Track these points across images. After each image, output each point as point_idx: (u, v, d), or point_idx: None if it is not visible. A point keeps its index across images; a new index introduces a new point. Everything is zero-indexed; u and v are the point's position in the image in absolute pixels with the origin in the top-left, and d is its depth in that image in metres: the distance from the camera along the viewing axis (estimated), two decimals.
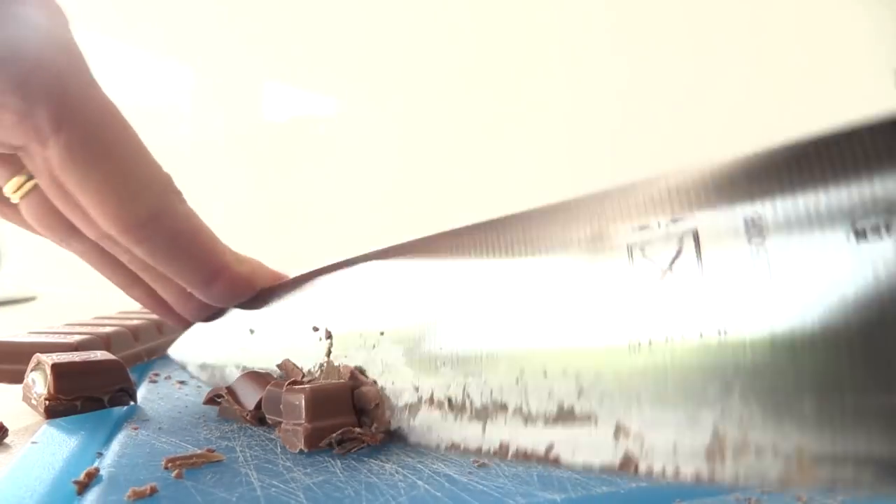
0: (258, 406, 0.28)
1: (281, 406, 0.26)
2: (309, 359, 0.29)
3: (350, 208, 1.05)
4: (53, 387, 0.28)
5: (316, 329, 0.29)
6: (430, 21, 1.04)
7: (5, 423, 0.27)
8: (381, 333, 0.26)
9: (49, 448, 0.24)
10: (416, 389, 0.25)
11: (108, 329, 0.40)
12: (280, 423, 0.26)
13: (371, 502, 0.20)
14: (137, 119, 0.28)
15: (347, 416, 0.26)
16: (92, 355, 0.31)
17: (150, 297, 0.32)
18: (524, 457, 0.22)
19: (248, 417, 0.28)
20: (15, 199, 0.29)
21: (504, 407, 0.22)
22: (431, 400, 0.24)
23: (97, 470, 0.22)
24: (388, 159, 1.07)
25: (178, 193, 0.28)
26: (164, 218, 0.26)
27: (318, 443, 0.24)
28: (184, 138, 1.12)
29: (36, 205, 0.28)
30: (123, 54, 1.15)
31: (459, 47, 1.03)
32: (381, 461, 0.24)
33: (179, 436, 0.26)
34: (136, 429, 0.27)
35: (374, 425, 0.26)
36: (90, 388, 0.29)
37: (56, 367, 0.29)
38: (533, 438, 0.21)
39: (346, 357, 0.27)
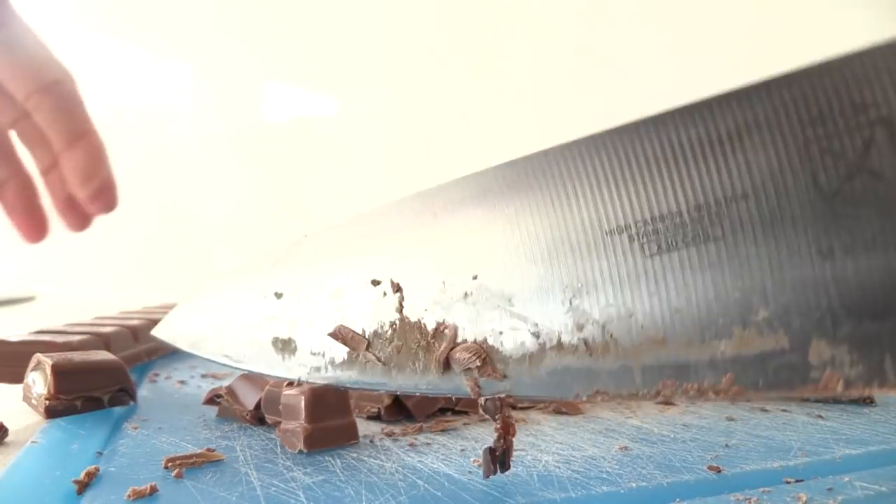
0: (258, 406, 0.28)
1: (280, 406, 0.26)
2: (368, 320, 0.24)
3: (350, 208, 1.05)
4: (53, 387, 0.28)
5: (376, 283, 0.23)
6: (430, 21, 1.04)
7: (5, 423, 0.27)
8: (474, 277, 0.21)
9: (49, 448, 0.24)
10: (537, 335, 0.20)
11: (108, 329, 0.40)
12: (280, 423, 0.26)
13: (371, 502, 0.20)
14: (139, 119, 0.28)
15: (347, 415, 0.26)
16: (92, 355, 0.31)
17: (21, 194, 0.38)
18: (697, 393, 0.17)
19: (248, 417, 0.28)
20: None
21: (663, 342, 0.18)
22: (560, 345, 0.20)
23: (97, 470, 0.22)
24: (388, 159, 1.07)
25: (73, 82, 0.36)
26: (63, 84, 0.36)
27: (318, 443, 0.24)
28: (184, 138, 1.12)
29: None
30: (125, 55, 1.15)
31: (459, 48, 1.03)
32: (381, 461, 0.24)
33: (179, 435, 0.26)
34: (136, 429, 0.27)
35: (480, 381, 0.21)
36: (90, 388, 0.29)
37: (56, 367, 0.29)
38: (711, 370, 0.17)
39: (427, 311, 0.22)
